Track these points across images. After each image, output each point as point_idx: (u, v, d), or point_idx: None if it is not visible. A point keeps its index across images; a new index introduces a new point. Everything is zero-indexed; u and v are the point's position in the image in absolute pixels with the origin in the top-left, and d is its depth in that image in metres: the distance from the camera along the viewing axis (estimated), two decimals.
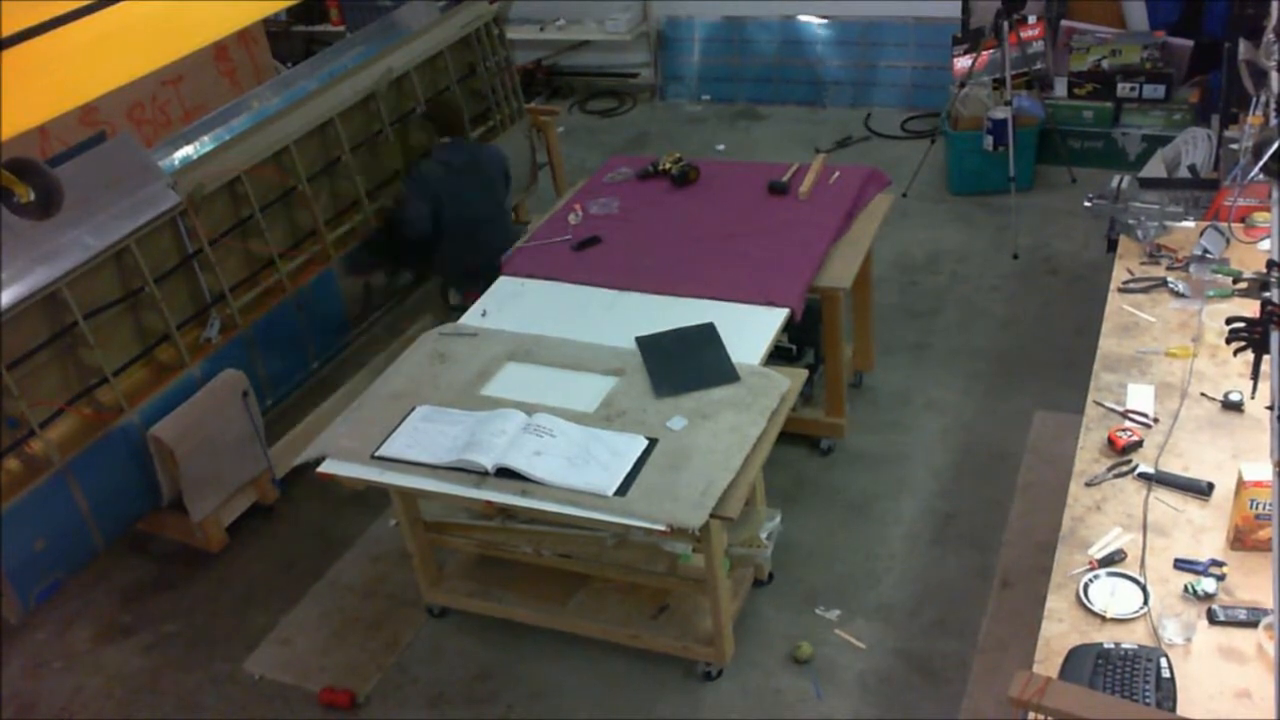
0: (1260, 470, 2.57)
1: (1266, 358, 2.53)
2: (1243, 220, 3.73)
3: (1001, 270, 5.54)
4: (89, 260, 3.84)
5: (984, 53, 5.94)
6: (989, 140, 5.85)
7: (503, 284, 4.25)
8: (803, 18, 7.50)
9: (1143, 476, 2.92)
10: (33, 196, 3.18)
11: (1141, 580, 2.63)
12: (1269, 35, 3.22)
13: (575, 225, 4.51)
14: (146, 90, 5.50)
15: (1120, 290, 3.65)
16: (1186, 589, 2.60)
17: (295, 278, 4.70)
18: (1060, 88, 6.19)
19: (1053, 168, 6.16)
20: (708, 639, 3.61)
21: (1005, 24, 5.64)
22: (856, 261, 4.20)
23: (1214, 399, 3.14)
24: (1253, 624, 2.49)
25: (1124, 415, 3.13)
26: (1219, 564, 2.64)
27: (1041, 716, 2.25)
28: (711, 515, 3.07)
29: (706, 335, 3.73)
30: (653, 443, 3.30)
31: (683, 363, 3.61)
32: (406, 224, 4.85)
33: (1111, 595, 2.61)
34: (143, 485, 4.09)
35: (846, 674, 3.63)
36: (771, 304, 3.88)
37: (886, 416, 4.68)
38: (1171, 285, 3.61)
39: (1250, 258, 3.58)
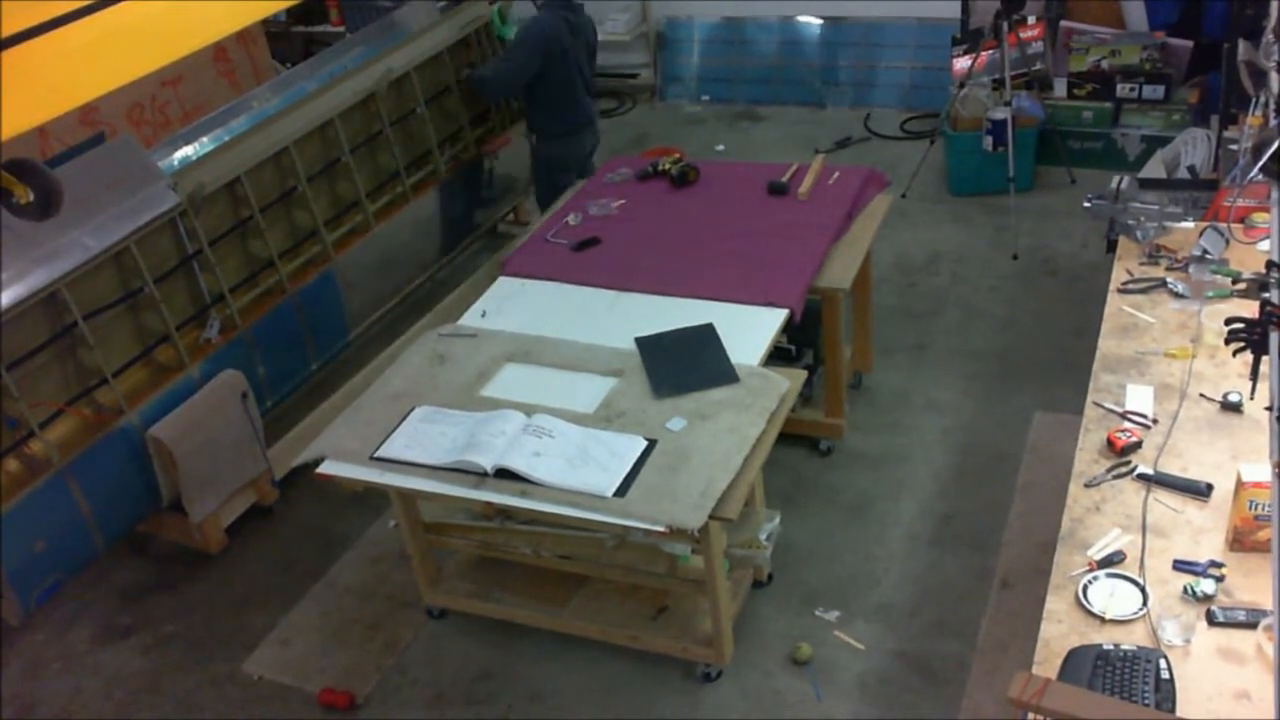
0: (1259, 471, 2.57)
1: (1265, 358, 2.53)
2: (1242, 221, 3.73)
3: (1001, 271, 5.54)
4: (88, 261, 3.84)
5: (983, 53, 5.95)
6: (988, 141, 5.85)
7: (502, 284, 4.25)
8: (802, 18, 7.50)
9: (1142, 477, 2.92)
10: (32, 197, 3.18)
11: (1141, 581, 2.63)
12: (1268, 36, 3.21)
13: (575, 226, 4.51)
14: (146, 91, 5.49)
15: (1119, 291, 3.65)
16: (1186, 590, 2.60)
17: (295, 279, 4.70)
18: (1060, 88, 6.20)
19: (1052, 168, 6.16)
20: (707, 640, 3.61)
21: (1004, 24, 5.64)
22: (856, 262, 4.21)
23: (1213, 400, 3.14)
24: (1252, 625, 2.49)
25: (1123, 416, 3.13)
26: (1218, 565, 2.64)
27: (1041, 718, 2.25)
28: (711, 516, 3.07)
29: (706, 336, 3.73)
30: (652, 443, 3.30)
31: (682, 363, 3.61)
32: (499, 77, 5.08)
33: (1111, 596, 2.61)
34: (142, 486, 4.09)
35: (846, 675, 3.63)
36: (771, 305, 3.88)
37: (886, 417, 4.68)
38: (1171, 286, 3.61)
39: (1249, 258, 3.58)
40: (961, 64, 6.20)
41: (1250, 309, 2.64)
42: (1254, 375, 2.64)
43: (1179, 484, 2.88)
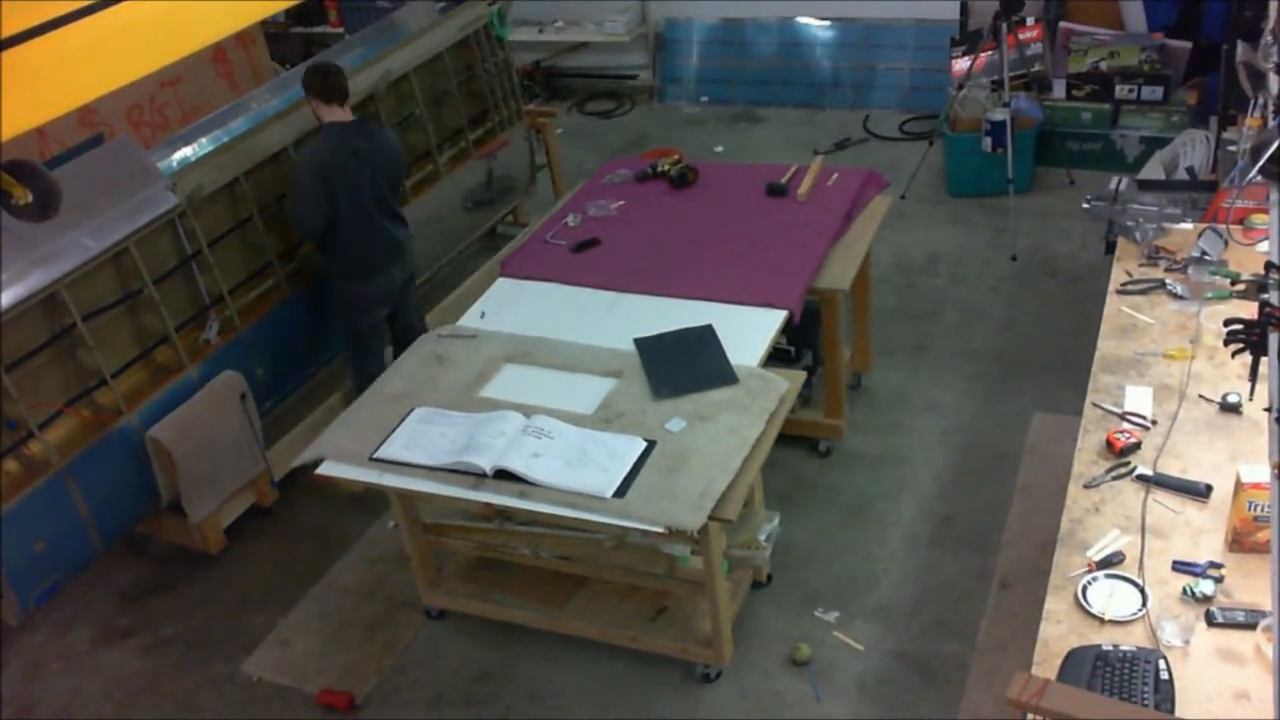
0: (1258, 472, 2.57)
1: (1265, 359, 2.53)
2: (1241, 222, 3.73)
3: (1000, 272, 5.54)
4: (88, 262, 3.84)
5: (982, 54, 5.95)
6: (987, 142, 5.85)
7: (501, 285, 4.25)
8: (801, 19, 7.50)
9: (1141, 478, 2.92)
10: (31, 198, 3.17)
11: (1140, 582, 2.64)
12: (1266, 37, 3.21)
13: (574, 227, 4.51)
14: (145, 92, 5.49)
15: (1118, 292, 3.66)
16: (1185, 591, 2.60)
17: (294, 279, 4.70)
18: (1058, 89, 6.20)
19: (1051, 169, 6.17)
20: (706, 641, 3.61)
21: (1003, 26, 5.64)
22: (855, 263, 4.21)
23: (1212, 401, 3.14)
24: (1251, 626, 2.49)
25: (1122, 417, 3.13)
26: (1217, 566, 2.64)
27: (1040, 718, 2.25)
28: (710, 517, 3.07)
29: (705, 337, 3.73)
30: (651, 444, 3.30)
31: (681, 364, 3.61)
32: (294, 223, 4.38)
33: (1110, 597, 2.62)
34: (142, 487, 4.08)
35: (845, 675, 3.63)
36: (770, 305, 3.88)
37: (885, 418, 4.69)
38: (1170, 287, 3.62)
39: (1248, 259, 3.59)
40: (960, 65, 6.21)
41: (1249, 310, 2.63)
42: (1253, 376, 2.64)
43: (1178, 485, 2.88)
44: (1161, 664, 2.41)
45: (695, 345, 3.70)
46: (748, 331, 3.77)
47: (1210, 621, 2.52)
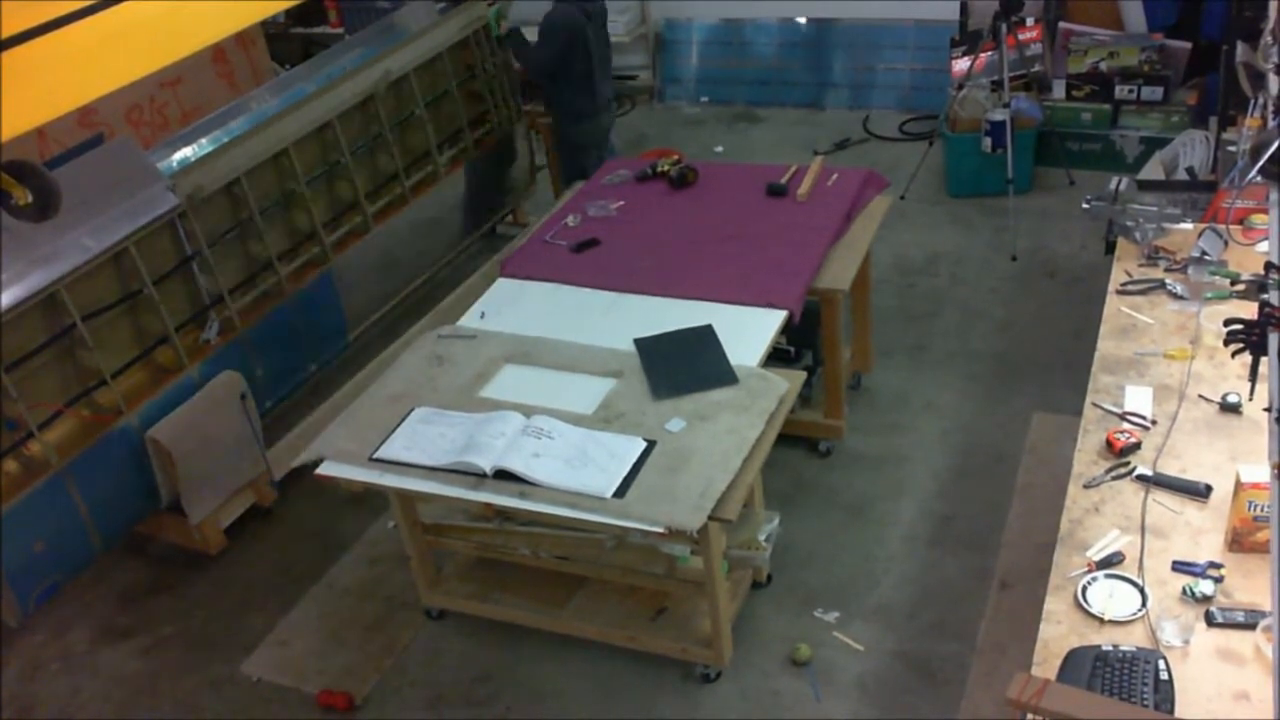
0: (1258, 472, 2.57)
1: (1264, 359, 2.53)
2: (1241, 222, 3.73)
3: (1000, 272, 5.54)
4: (88, 262, 3.84)
5: (982, 55, 5.95)
6: (987, 142, 5.85)
7: (501, 286, 4.26)
8: (801, 19, 7.50)
9: (1141, 478, 2.92)
10: (31, 199, 3.17)
11: (1140, 582, 2.64)
12: (1266, 38, 3.22)
13: (574, 227, 4.51)
14: (145, 92, 5.50)
15: (1118, 292, 3.66)
16: (1185, 591, 2.60)
17: (294, 280, 4.70)
18: (1058, 90, 6.20)
19: (1051, 170, 6.17)
20: (706, 641, 3.61)
21: (1003, 26, 5.64)
22: (855, 263, 4.21)
23: (1212, 401, 3.15)
24: (1251, 626, 2.49)
25: (1122, 417, 3.13)
26: (1217, 566, 2.64)
27: (1040, 718, 2.25)
28: (710, 517, 3.07)
29: (705, 337, 3.73)
30: (651, 445, 3.30)
31: (681, 365, 3.61)
32: (532, 62, 5.37)
33: (1110, 597, 2.62)
34: (141, 487, 4.08)
35: (845, 676, 3.63)
36: (770, 306, 3.88)
37: (885, 418, 4.69)
38: (1170, 287, 3.62)
39: (1248, 260, 3.59)
40: (960, 65, 6.21)
41: (1249, 310, 2.63)
42: (1253, 376, 2.64)
43: (1178, 485, 2.88)
44: (1161, 664, 2.41)
45: (695, 345, 3.70)
46: (748, 331, 3.77)
47: (1210, 622, 2.52)
